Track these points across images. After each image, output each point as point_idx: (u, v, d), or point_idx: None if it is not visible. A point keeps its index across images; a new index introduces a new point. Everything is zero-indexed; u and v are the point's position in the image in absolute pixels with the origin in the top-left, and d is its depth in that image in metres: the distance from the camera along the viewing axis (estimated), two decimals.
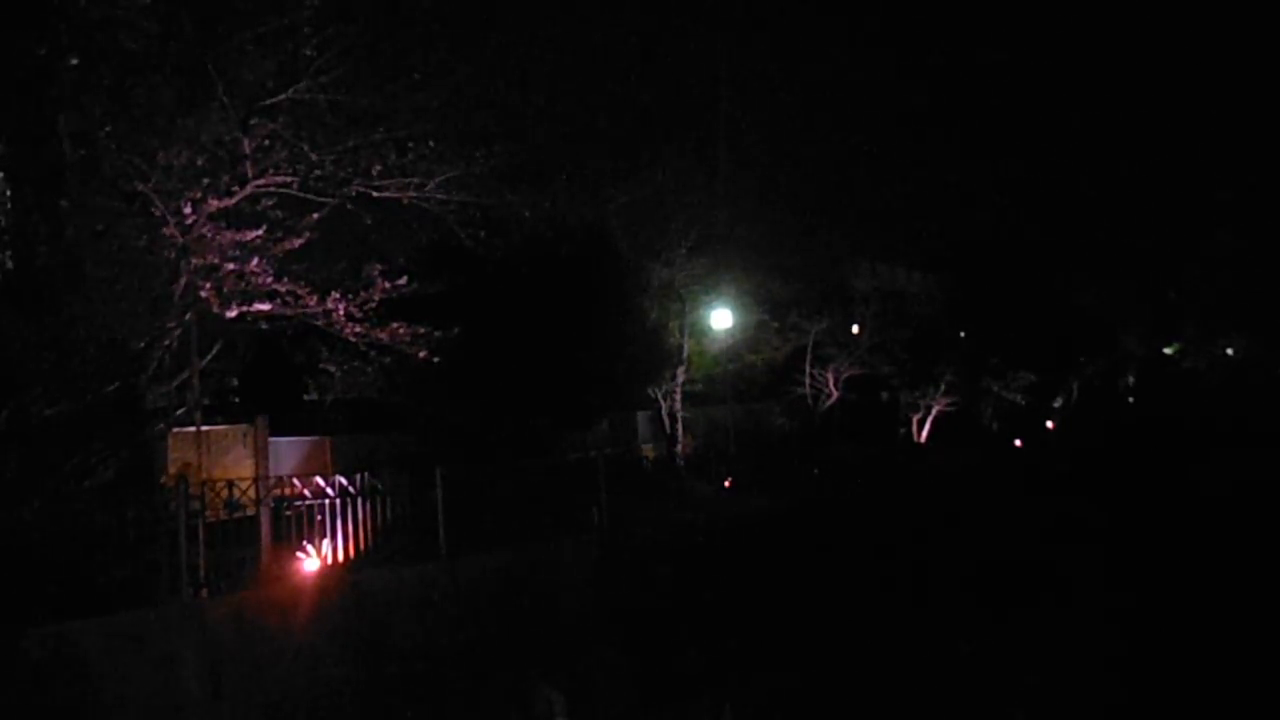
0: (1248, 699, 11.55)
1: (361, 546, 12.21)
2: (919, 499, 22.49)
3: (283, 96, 11.62)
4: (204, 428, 12.61)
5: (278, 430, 15.49)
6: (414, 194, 12.98)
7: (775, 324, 27.64)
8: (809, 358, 28.03)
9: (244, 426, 15.14)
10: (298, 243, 12.15)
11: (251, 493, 11.34)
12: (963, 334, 34.18)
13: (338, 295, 12.46)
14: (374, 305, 12.81)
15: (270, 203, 12.12)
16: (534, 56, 19.34)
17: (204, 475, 11.74)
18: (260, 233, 11.70)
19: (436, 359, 13.54)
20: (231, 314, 11.81)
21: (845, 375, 28.78)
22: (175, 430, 12.77)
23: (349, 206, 12.77)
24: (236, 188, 11.59)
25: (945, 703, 11.93)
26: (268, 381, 18.11)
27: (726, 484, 21.38)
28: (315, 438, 18.59)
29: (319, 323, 12.65)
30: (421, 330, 13.25)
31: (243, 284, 11.77)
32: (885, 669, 12.76)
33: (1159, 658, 12.90)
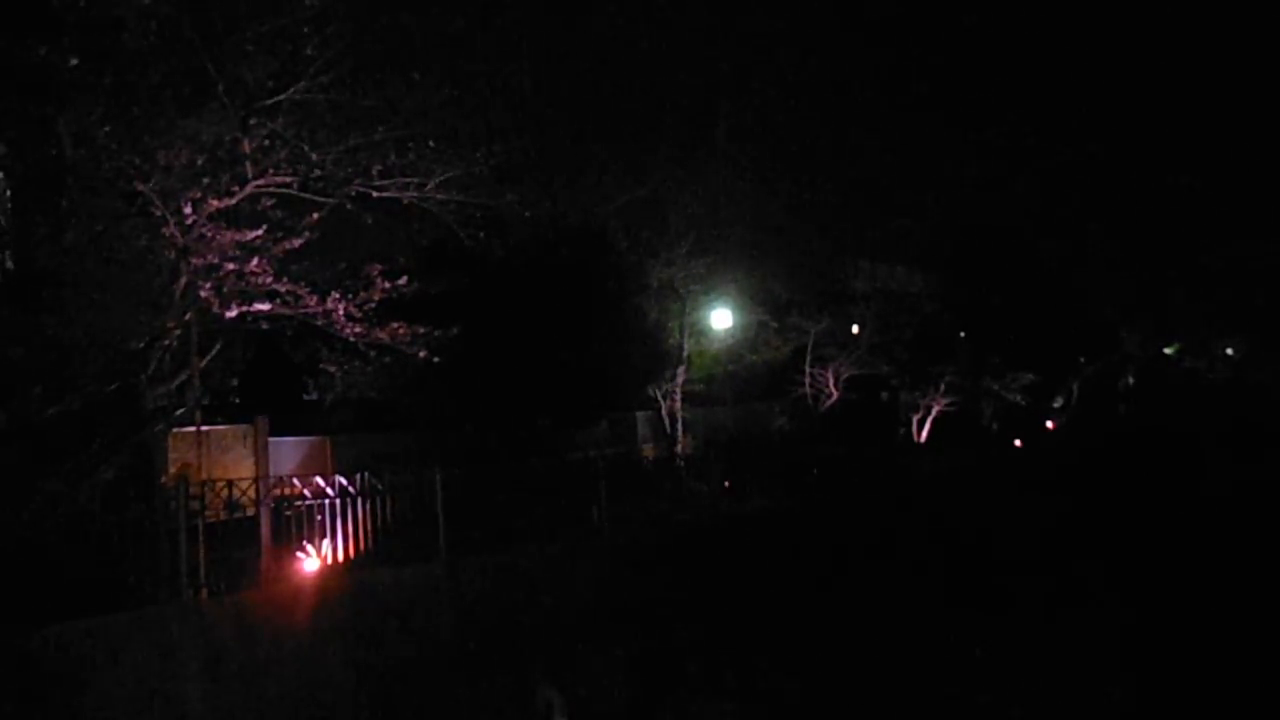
0: (1248, 699, 11.54)
1: (361, 546, 12.21)
2: (918, 499, 22.49)
3: (283, 96, 11.63)
4: (204, 428, 12.61)
5: (278, 430, 15.50)
6: (414, 194, 12.98)
7: (775, 324, 27.65)
8: (809, 358, 28.03)
9: (244, 426, 15.16)
10: (298, 243, 12.17)
11: (251, 493, 11.34)
12: (963, 334, 34.18)
13: (338, 295, 12.47)
14: (374, 305, 12.82)
15: (270, 203, 12.13)
16: (534, 56, 19.35)
17: (204, 475, 11.74)
18: (260, 233, 11.72)
19: (436, 359, 13.55)
20: (231, 314, 11.82)
21: (845, 375, 28.77)
22: (175, 430, 12.77)
23: (349, 206, 12.78)
24: (236, 188, 11.60)
25: (945, 701, 11.93)
26: (268, 381, 18.12)
27: (726, 484, 21.37)
28: (315, 438, 18.59)
29: (319, 323, 12.66)
30: (421, 330, 13.27)
31: (243, 284, 11.78)
32: (884, 668, 12.75)
33: (1159, 659, 12.89)
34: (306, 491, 11.95)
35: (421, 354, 13.38)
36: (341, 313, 12.53)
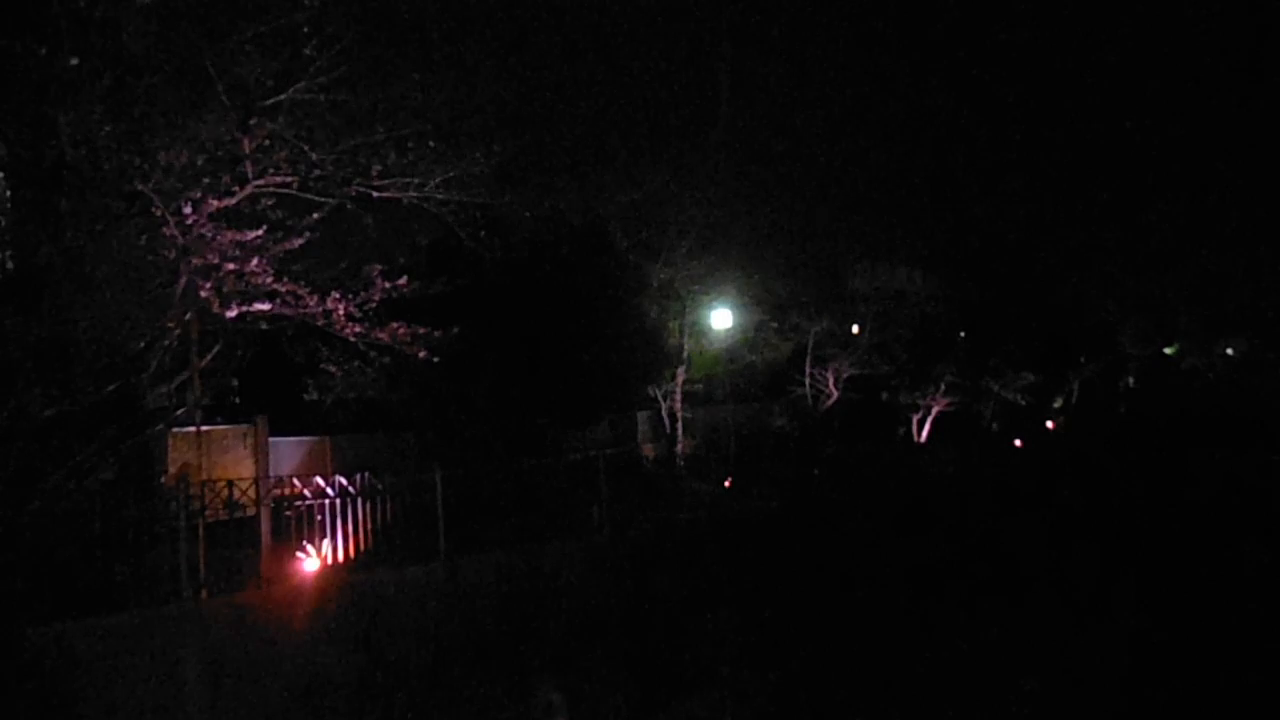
0: (1247, 698, 11.55)
1: (361, 546, 12.22)
2: (918, 499, 22.50)
3: (283, 96, 11.60)
4: (204, 428, 12.60)
5: (278, 430, 15.49)
6: (414, 194, 12.98)
7: (775, 324, 27.68)
8: (809, 358, 28.05)
9: (244, 426, 15.16)
10: (298, 243, 12.15)
11: (251, 493, 11.35)
12: (963, 334, 34.20)
13: (338, 295, 12.46)
14: (374, 305, 12.81)
15: (270, 203, 12.12)
16: (535, 57, 19.36)
17: (204, 475, 11.73)
18: (260, 233, 11.70)
19: (436, 359, 13.54)
20: (231, 314, 11.81)
21: (845, 375, 28.79)
22: (175, 430, 12.76)
23: (349, 206, 12.76)
24: (236, 188, 11.59)
25: (945, 697, 11.93)
26: (268, 381, 18.14)
27: (726, 484, 21.39)
28: (315, 438, 18.58)
29: (319, 323, 12.65)
30: (421, 330, 13.25)
31: (243, 284, 11.76)
32: (883, 666, 12.76)
33: (1158, 658, 12.90)
34: (306, 491, 11.96)
35: (421, 354, 13.37)
36: (342, 313, 12.52)
